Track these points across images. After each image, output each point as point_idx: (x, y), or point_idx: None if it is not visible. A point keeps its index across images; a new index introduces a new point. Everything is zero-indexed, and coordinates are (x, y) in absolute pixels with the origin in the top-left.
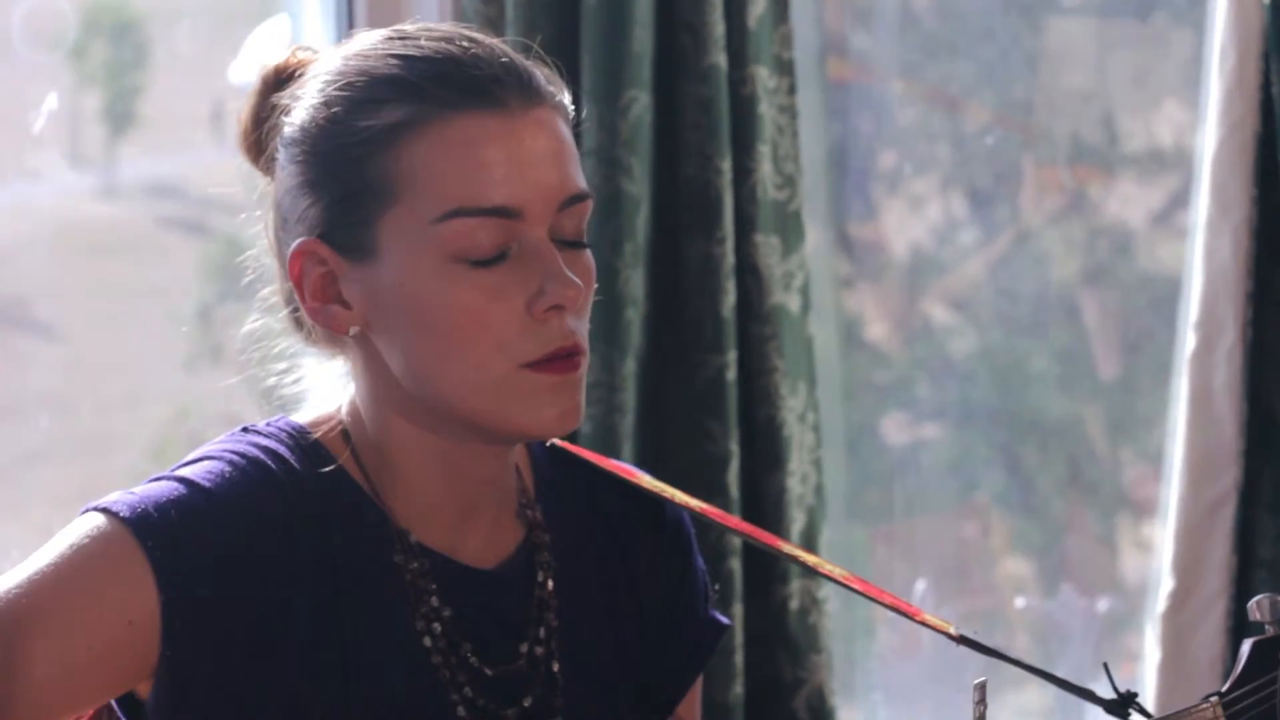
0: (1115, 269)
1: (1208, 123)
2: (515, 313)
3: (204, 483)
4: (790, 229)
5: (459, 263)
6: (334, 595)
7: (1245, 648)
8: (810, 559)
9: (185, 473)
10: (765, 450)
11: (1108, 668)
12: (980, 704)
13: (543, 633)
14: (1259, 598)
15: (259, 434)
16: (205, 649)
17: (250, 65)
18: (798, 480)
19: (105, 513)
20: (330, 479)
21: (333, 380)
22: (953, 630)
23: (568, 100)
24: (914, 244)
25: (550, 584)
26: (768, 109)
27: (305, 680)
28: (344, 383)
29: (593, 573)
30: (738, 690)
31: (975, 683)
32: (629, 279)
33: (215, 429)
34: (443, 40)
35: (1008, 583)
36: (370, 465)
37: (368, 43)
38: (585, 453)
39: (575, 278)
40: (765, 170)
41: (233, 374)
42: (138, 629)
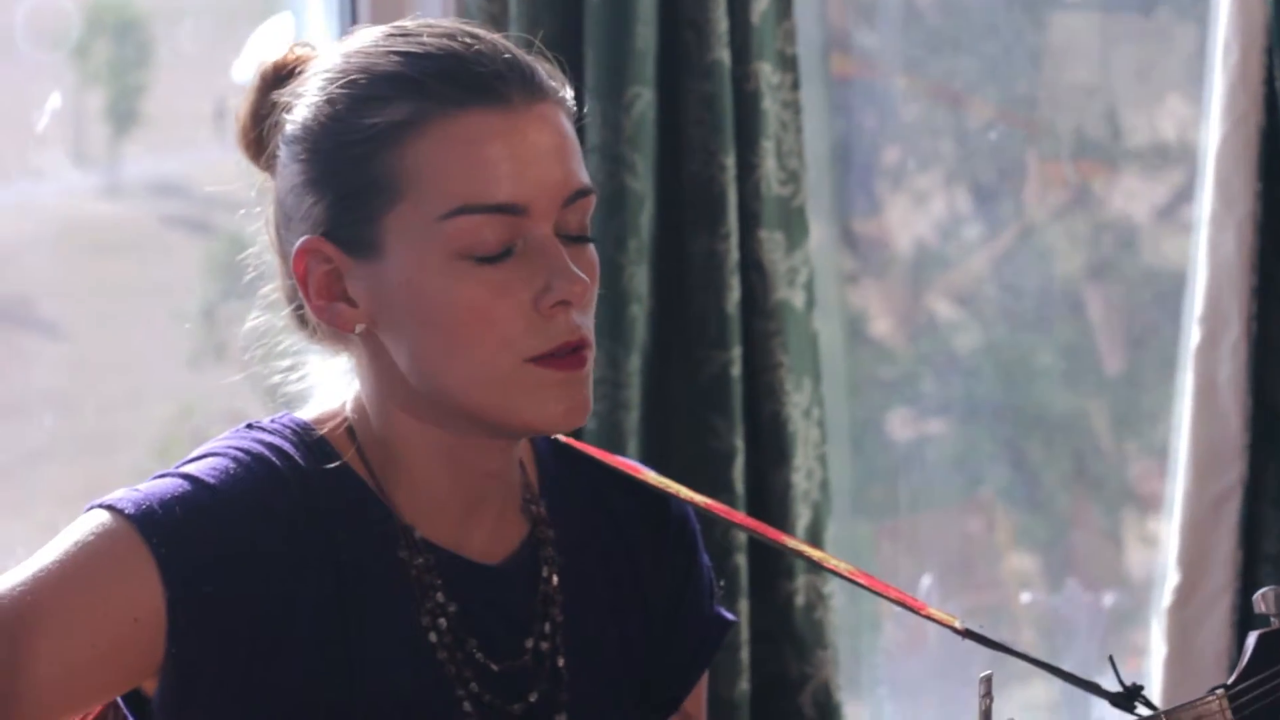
0: (1119, 264)
1: (1211, 117)
2: (521, 309)
3: (209, 479)
4: (794, 225)
5: (464, 259)
6: (339, 591)
7: (1251, 640)
8: (815, 554)
9: (190, 469)
10: (770, 446)
11: (1113, 661)
12: (986, 697)
13: (548, 628)
14: (1264, 590)
15: (263, 430)
16: (210, 646)
17: (250, 62)
18: (803, 476)
19: (110, 510)
20: (335, 475)
21: (336, 377)
22: (958, 624)
23: (570, 95)
24: (918, 239)
25: (555, 579)
26: (771, 105)
27: (310, 676)
28: (348, 379)
29: (597, 568)
30: (744, 686)
31: (981, 676)
32: (633, 275)
33: (219, 427)
34: (445, 37)
35: (1013, 578)
36: (375, 461)
37: (369, 39)
38: (589, 449)
39: (581, 273)
40: (769, 166)
41: (236, 372)
42: (143, 626)
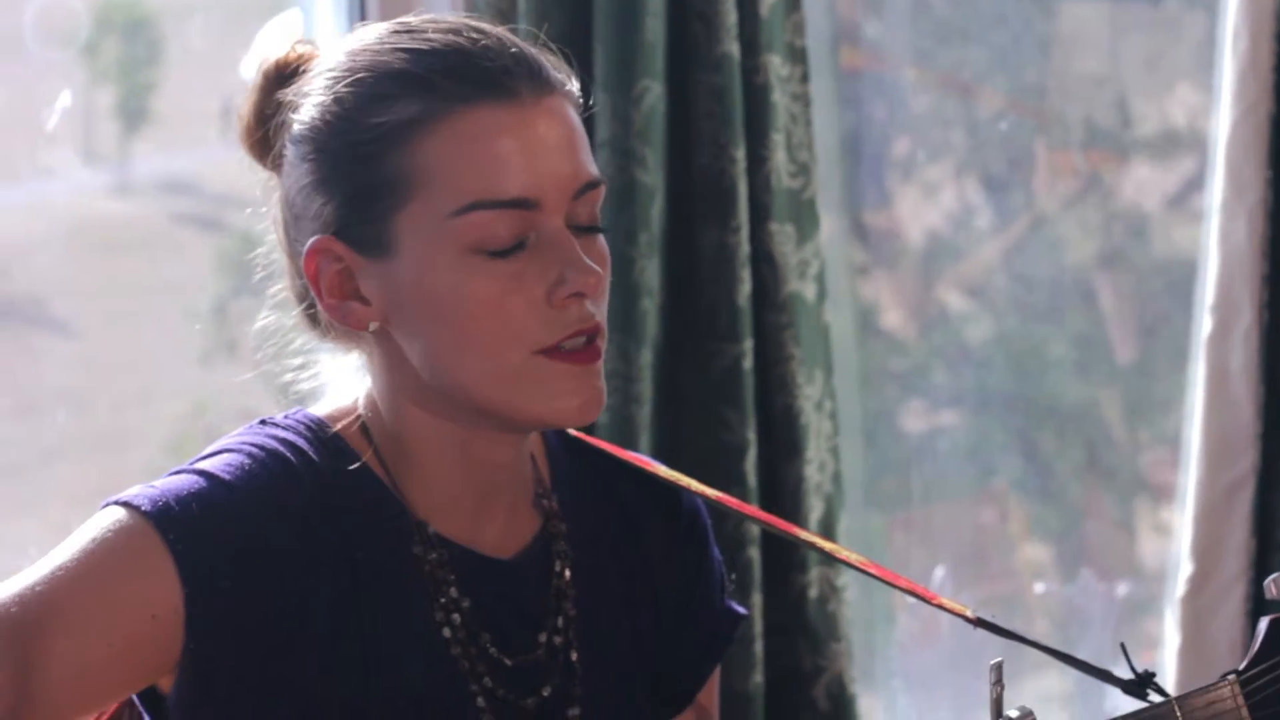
0: (1130, 253)
1: (1221, 105)
2: (535, 302)
3: (224, 475)
4: (805, 217)
5: (477, 254)
6: (353, 587)
7: (1262, 625)
8: (826, 545)
9: (205, 466)
10: (782, 439)
11: (1125, 648)
12: (997, 685)
13: (561, 622)
14: (1275, 575)
15: (277, 426)
16: (227, 642)
17: (252, 61)
18: (815, 468)
19: (126, 506)
20: (349, 471)
21: (348, 374)
22: (970, 614)
23: (576, 87)
24: (929, 231)
25: (568, 573)
26: (781, 97)
27: (325, 672)
28: (359, 376)
29: (609, 562)
30: (758, 679)
31: (991, 663)
32: (644, 269)
33: (232, 424)
34: (450, 32)
35: (1026, 568)
36: (388, 457)
37: (373, 37)
38: (600, 443)
39: (594, 264)
40: (779, 158)
41: (248, 369)
42: (160, 623)
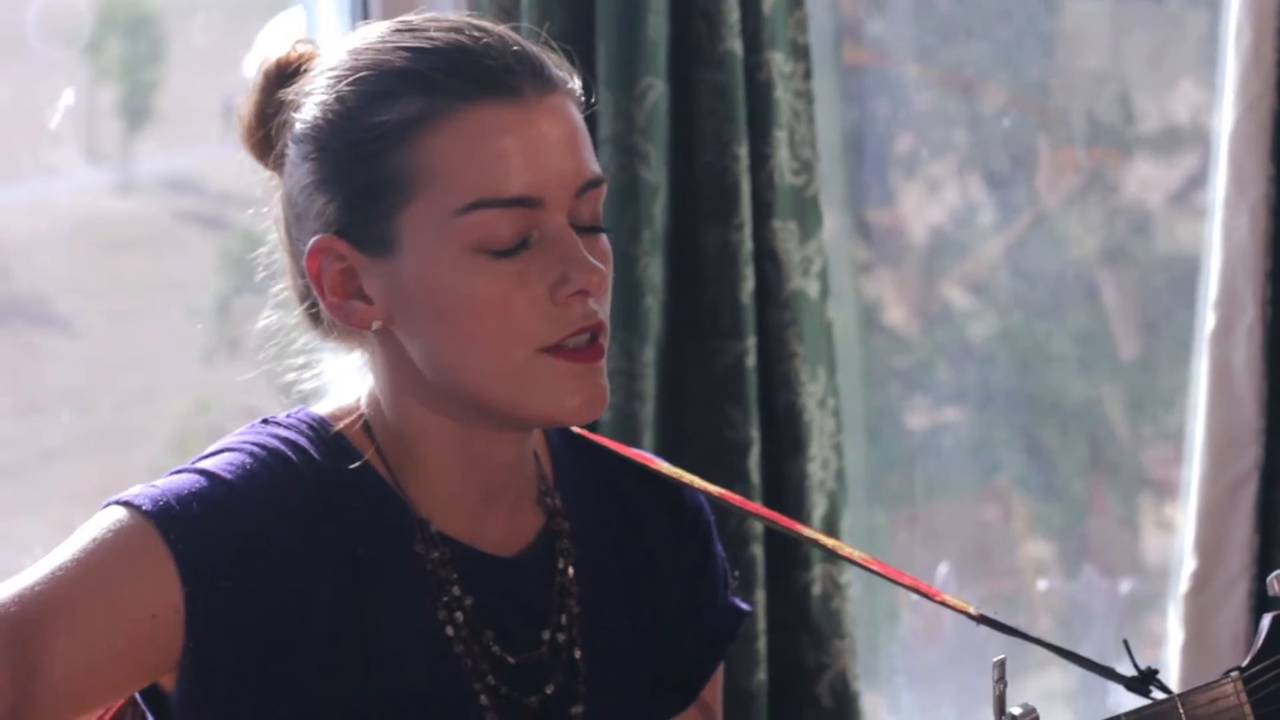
0: (1133, 249)
1: (1224, 101)
2: (538, 301)
3: (225, 474)
4: (808, 214)
5: (480, 253)
6: (355, 586)
7: (1265, 622)
8: (829, 541)
9: (206, 465)
10: (786, 436)
11: (1128, 645)
12: (1000, 682)
13: (564, 620)
14: (1278, 572)
15: (279, 425)
16: (228, 641)
17: (252, 60)
18: (818, 465)
19: (127, 506)
20: (351, 470)
21: (351, 372)
22: (973, 610)
23: (578, 85)
24: (932, 228)
25: (571, 571)
26: (784, 94)
27: (327, 671)
28: (362, 374)
29: (612, 560)
30: (761, 676)
31: (994, 661)
32: (647, 266)
33: (235, 422)
34: (452, 31)
35: (1030, 565)
36: (391, 456)
37: (375, 35)
38: (603, 440)
39: (597, 262)
40: (782, 156)
41: (251, 368)
42: (161, 622)
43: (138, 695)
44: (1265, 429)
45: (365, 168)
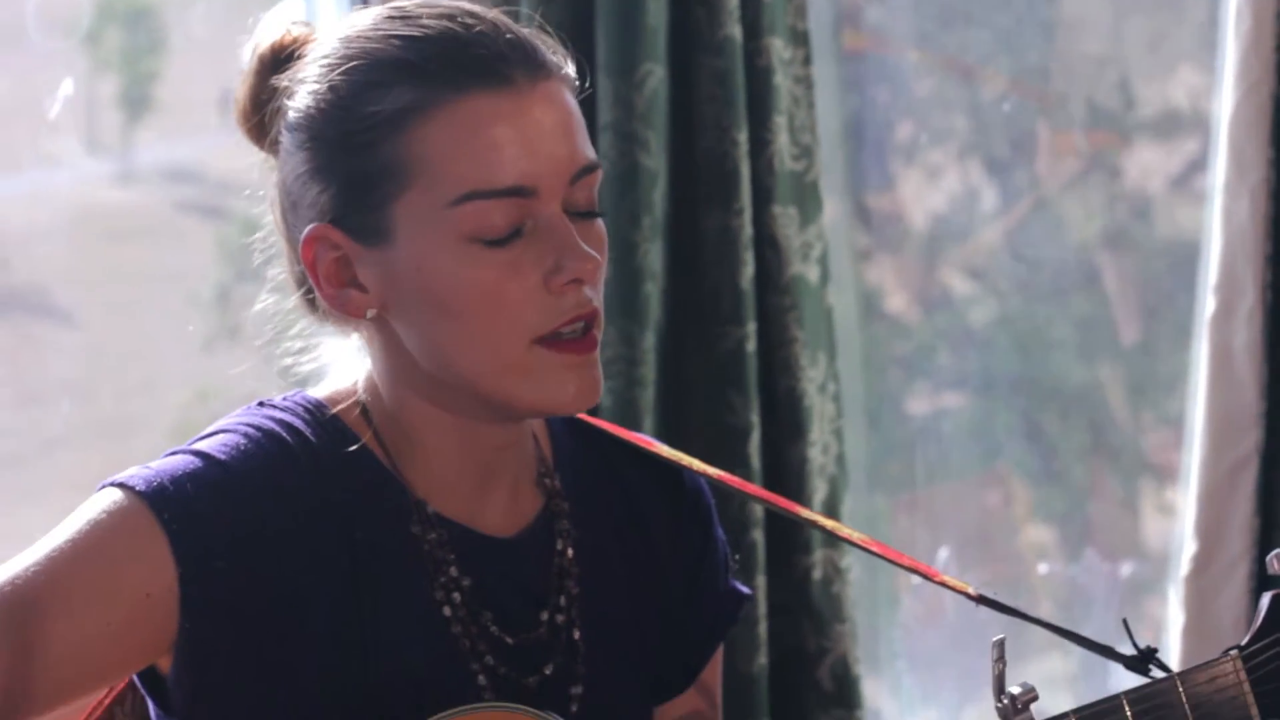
0: (1134, 234)
1: (1224, 85)
2: (532, 289)
3: (219, 455)
4: (808, 200)
5: (474, 243)
6: (352, 567)
7: (1265, 601)
8: (827, 522)
9: (201, 446)
10: (786, 421)
11: (1127, 624)
12: (999, 661)
13: (563, 601)
14: (1278, 551)
15: (274, 407)
16: (223, 621)
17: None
18: (819, 450)
19: (122, 487)
20: (347, 452)
21: (348, 355)
22: (971, 590)
23: (572, 70)
24: (932, 213)
25: (570, 552)
26: (783, 80)
27: (324, 652)
28: (359, 357)
29: (612, 541)
30: (762, 661)
31: (994, 640)
32: (647, 252)
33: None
34: (444, 18)
35: (1030, 550)
36: (388, 438)
37: (368, 22)
38: (603, 423)
39: (591, 250)
40: (782, 141)
41: (251, 356)
42: (155, 602)
43: (135, 678)
44: (1265, 413)
45: (358, 158)
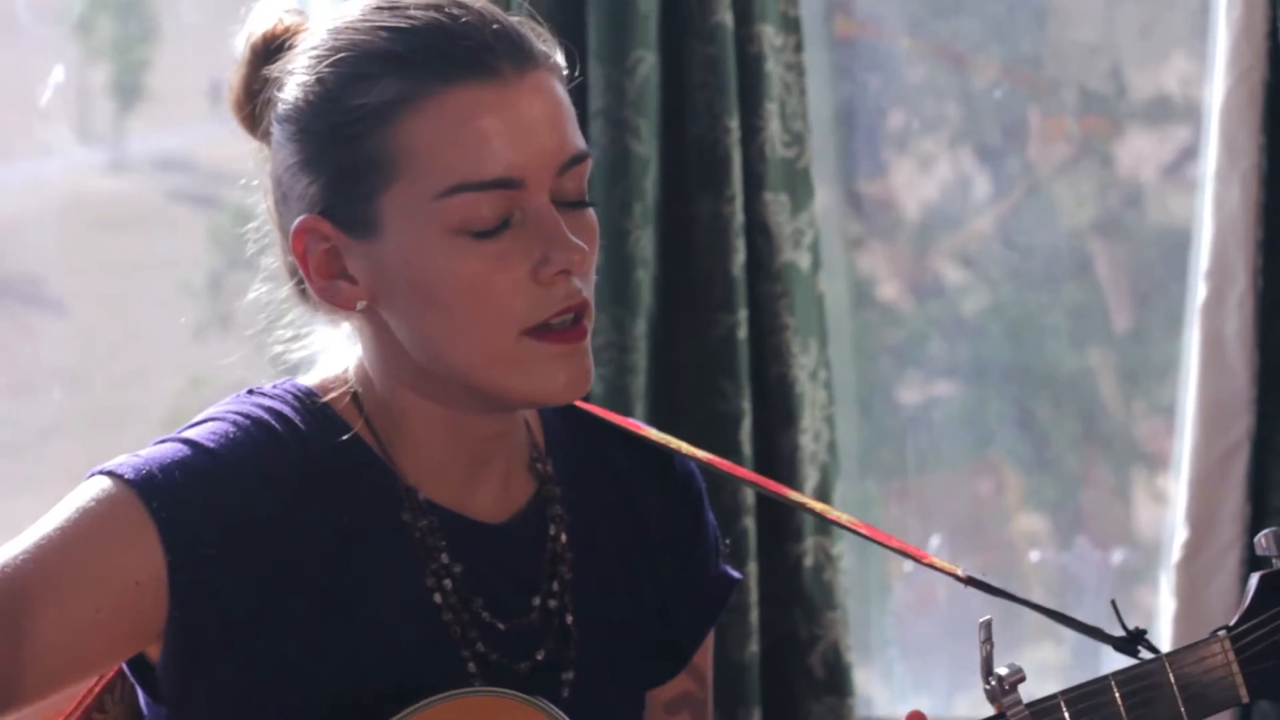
0: (1126, 222)
1: (1215, 72)
2: (520, 280)
3: (208, 443)
4: (799, 186)
5: (462, 235)
6: (341, 554)
7: (1253, 581)
8: (817, 505)
9: (190, 434)
10: (778, 408)
11: (1116, 606)
12: (986, 643)
13: (556, 586)
14: (1266, 531)
15: (264, 395)
16: (212, 609)
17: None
18: (810, 438)
19: (110, 475)
20: (337, 439)
21: (340, 344)
22: (960, 572)
23: (561, 59)
24: (924, 201)
25: (563, 537)
26: (775, 67)
27: (313, 639)
28: (351, 345)
29: (604, 526)
30: (753, 648)
31: (980, 621)
32: (638, 239)
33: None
34: (431, 8)
35: (1022, 538)
36: (379, 425)
37: (356, 13)
38: (595, 408)
39: (579, 241)
40: (773, 128)
41: (243, 344)
42: (144, 590)
43: (125, 666)
44: (1256, 399)
45: (346, 150)
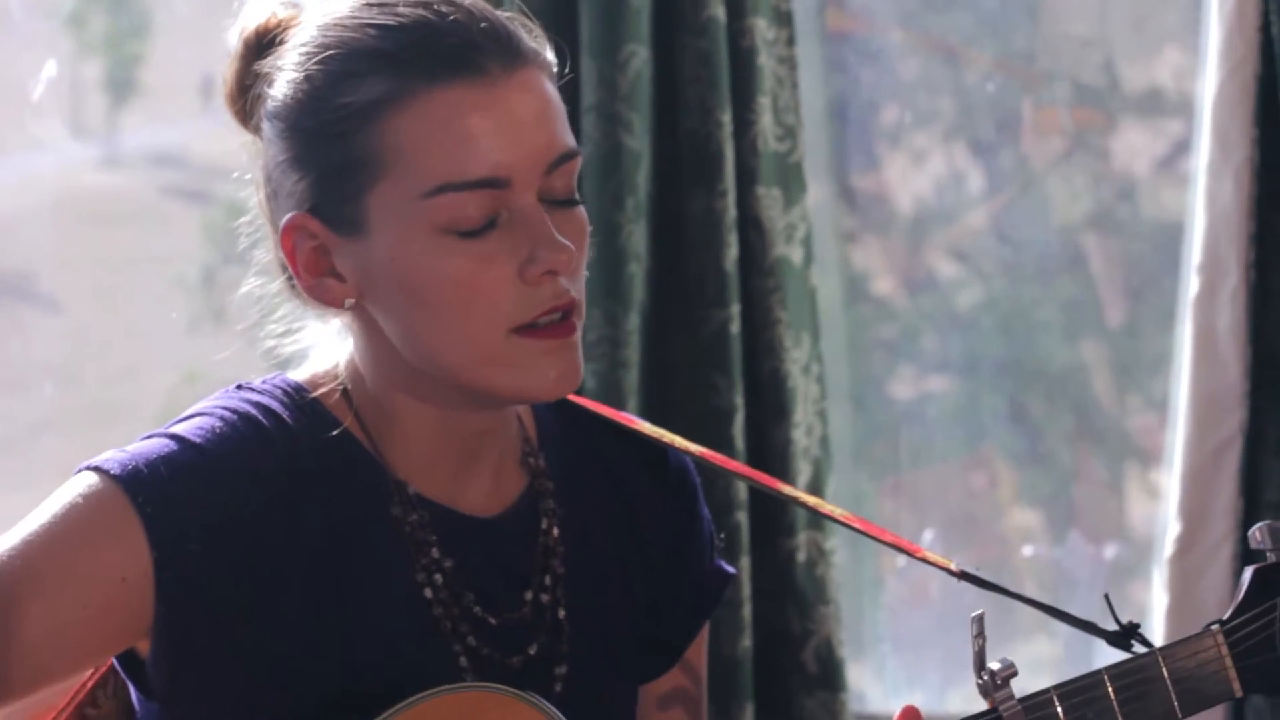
0: (1120, 216)
1: (1208, 65)
2: (507, 280)
3: (195, 439)
4: (791, 181)
5: (448, 234)
6: (331, 549)
7: (1247, 575)
8: (810, 500)
9: (177, 430)
10: (770, 402)
11: (1109, 599)
12: (979, 637)
13: (548, 580)
14: (1260, 525)
15: (253, 390)
16: (200, 605)
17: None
18: (803, 432)
19: (97, 471)
20: (326, 434)
21: (331, 338)
22: (953, 566)
23: (552, 56)
24: (917, 196)
25: (555, 531)
26: (767, 60)
27: (303, 634)
28: (342, 340)
29: (597, 520)
30: (746, 643)
31: (973, 616)
32: (631, 234)
33: None
34: (420, 5)
35: (1015, 533)
36: (369, 420)
37: (346, 9)
38: (587, 402)
39: (566, 241)
40: (766, 122)
41: (238, 340)
42: (131, 586)
43: (115, 661)
44: (1249, 393)
45: (333, 148)
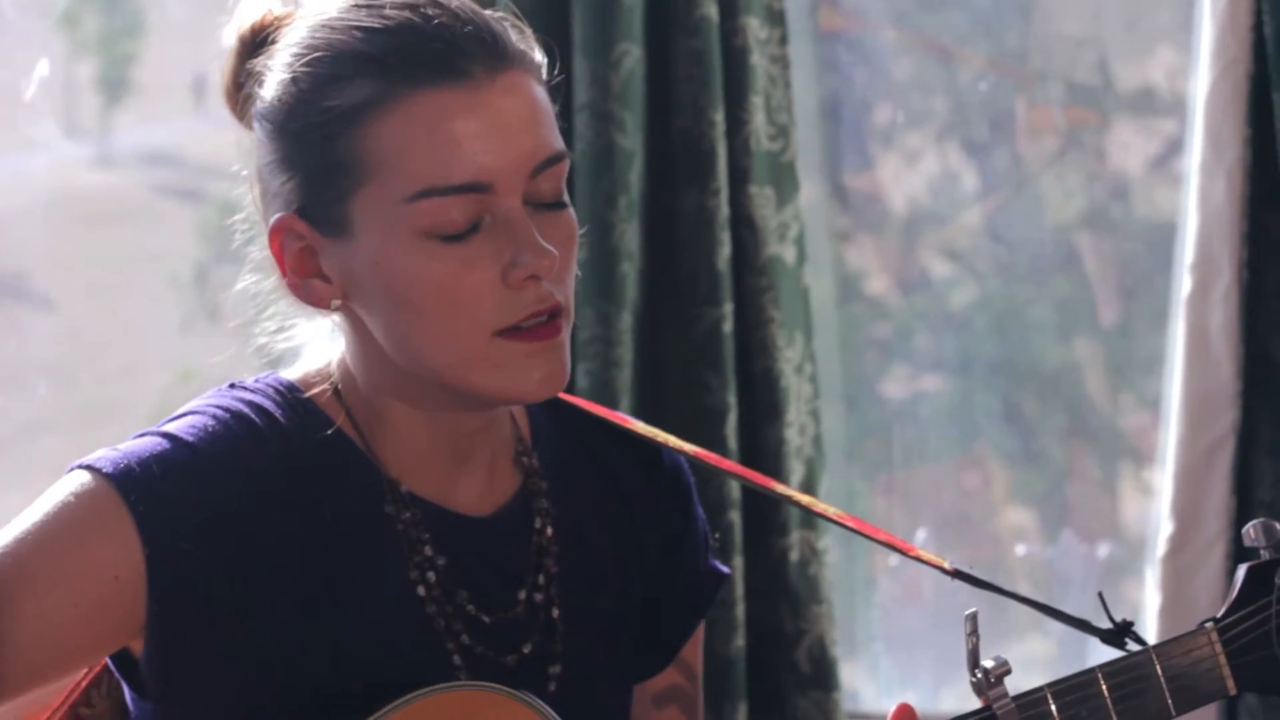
0: (1113, 215)
1: (1200, 64)
2: (489, 284)
3: (187, 437)
4: (784, 180)
5: (431, 238)
6: (324, 548)
7: (1240, 572)
8: (803, 499)
9: (169, 428)
10: (763, 401)
11: (1103, 597)
12: (972, 635)
13: (542, 579)
14: (1254, 522)
15: (245, 389)
16: (192, 603)
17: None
18: (796, 431)
19: (89, 469)
20: (318, 433)
21: (324, 337)
22: (947, 565)
23: (540, 57)
24: (910, 195)
25: (549, 530)
26: (760, 60)
27: (295, 633)
28: (334, 338)
29: (591, 519)
30: (739, 643)
31: (966, 614)
32: (623, 233)
33: None
34: (406, 8)
35: (1008, 532)
36: (361, 419)
37: (334, 10)
38: (581, 401)
39: (549, 246)
40: (758, 121)
41: (230, 337)
42: (123, 585)
43: (109, 660)
44: (1242, 392)
45: (319, 151)
